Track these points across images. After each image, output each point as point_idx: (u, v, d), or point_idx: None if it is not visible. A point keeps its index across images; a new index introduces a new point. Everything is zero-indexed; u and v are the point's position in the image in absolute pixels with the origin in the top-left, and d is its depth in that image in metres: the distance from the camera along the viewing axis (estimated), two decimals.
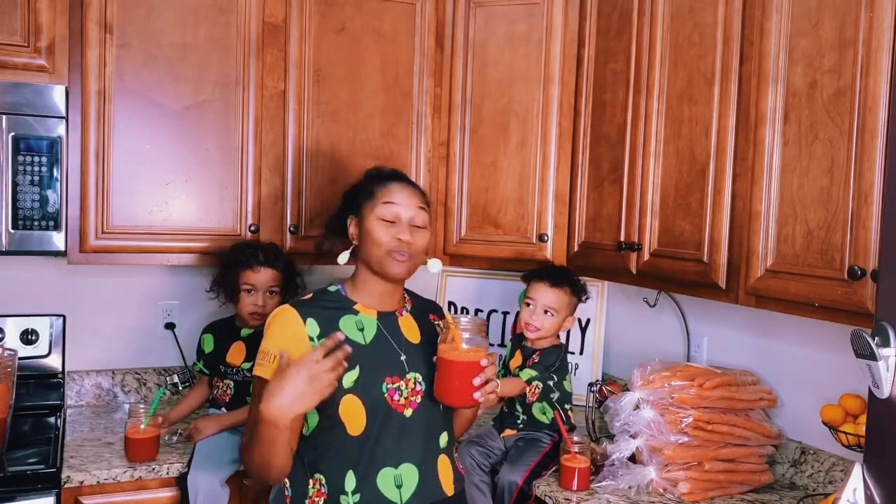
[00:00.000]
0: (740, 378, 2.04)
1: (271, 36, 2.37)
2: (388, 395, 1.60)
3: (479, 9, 2.55)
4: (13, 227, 2.09)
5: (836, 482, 1.94)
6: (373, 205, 1.65)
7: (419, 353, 1.68)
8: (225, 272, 2.28)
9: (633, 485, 1.94)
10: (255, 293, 2.25)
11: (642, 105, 2.14)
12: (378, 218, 1.63)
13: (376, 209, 1.64)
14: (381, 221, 1.63)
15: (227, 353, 2.30)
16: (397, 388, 1.62)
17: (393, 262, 1.61)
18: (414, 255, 1.63)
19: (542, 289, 2.24)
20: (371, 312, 1.67)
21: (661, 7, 2.08)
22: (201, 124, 2.30)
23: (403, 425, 1.61)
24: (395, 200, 1.64)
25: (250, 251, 2.28)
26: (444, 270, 2.95)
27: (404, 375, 1.63)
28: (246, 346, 2.30)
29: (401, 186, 1.68)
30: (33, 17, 2.11)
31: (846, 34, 1.56)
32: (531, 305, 2.24)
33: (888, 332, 1.07)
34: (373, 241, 1.62)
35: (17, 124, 2.08)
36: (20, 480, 1.90)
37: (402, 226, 1.63)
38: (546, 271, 2.30)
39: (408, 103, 2.56)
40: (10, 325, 2.39)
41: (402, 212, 1.64)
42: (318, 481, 1.59)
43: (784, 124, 1.71)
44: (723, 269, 1.88)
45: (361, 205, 1.68)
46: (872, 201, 1.49)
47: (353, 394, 1.57)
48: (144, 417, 2.07)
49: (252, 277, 2.25)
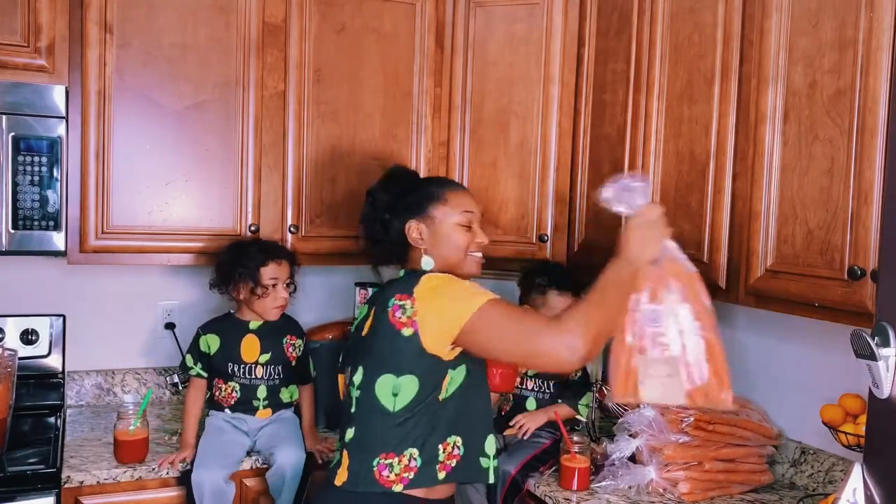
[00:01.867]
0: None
1: (271, 36, 2.37)
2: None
3: (479, 9, 2.55)
4: (13, 227, 2.09)
5: (836, 482, 1.94)
6: (450, 211, 1.78)
7: None
8: (243, 269, 2.22)
9: (633, 485, 1.94)
10: (279, 286, 2.25)
11: (642, 105, 2.14)
12: (458, 224, 1.77)
13: (457, 216, 1.77)
14: (461, 227, 1.78)
15: (241, 350, 2.25)
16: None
17: (473, 264, 1.80)
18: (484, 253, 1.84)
19: (555, 300, 2.26)
20: None
21: (661, 7, 2.08)
22: (201, 124, 2.30)
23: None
24: (472, 209, 1.80)
25: (271, 246, 2.28)
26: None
27: None
28: (259, 339, 2.27)
29: (466, 192, 1.85)
30: (33, 17, 2.11)
31: (846, 34, 1.56)
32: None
33: (888, 332, 1.07)
34: (453, 246, 1.77)
35: (17, 124, 2.08)
36: (20, 480, 1.91)
37: (476, 230, 1.80)
38: (553, 278, 2.30)
39: (408, 103, 2.56)
40: (10, 325, 2.39)
41: (475, 217, 1.81)
42: (451, 445, 1.67)
43: (784, 124, 1.71)
44: (723, 268, 1.88)
45: (428, 209, 1.78)
46: (872, 201, 1.49)
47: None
48: (134, 419, 2.06)
49: (277, 271, 2.24)
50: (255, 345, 2.26)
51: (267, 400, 2.26)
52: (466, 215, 1.79)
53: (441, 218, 1.77)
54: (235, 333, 2.28)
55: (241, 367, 2.25)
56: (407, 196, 1.81)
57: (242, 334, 2.27)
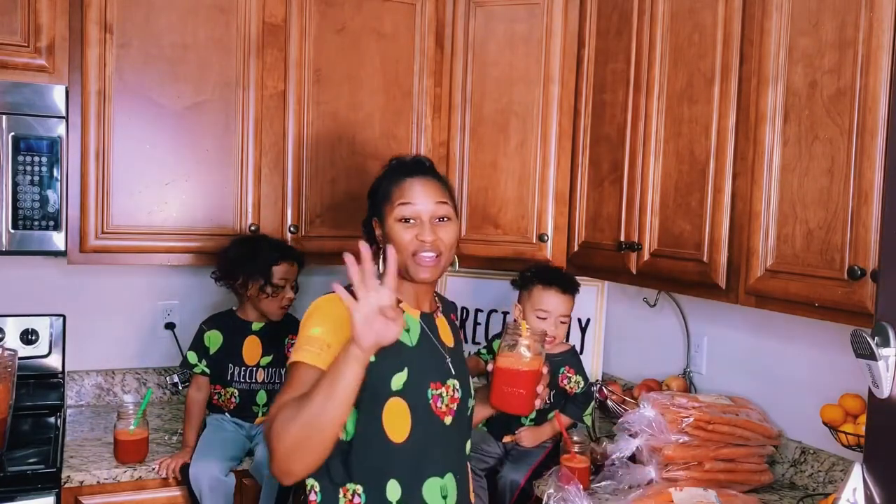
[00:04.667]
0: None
1: (271, 36, 2.37)
2: (433, 401, 1.51)
3: (479, 9, 2.55)
4: (13, 227, 2.09)
5: (836, 482, 1.94)
6: (391, 206, 1.54)
7: (456, 357, 1.61)
8: (254, 266, 2.20)
9: (633, 485, 1.94)
10: (287, 287, 2.25)
11: (642, 105, 2.14)
12: (396, 219, 1.52)
13: (395, 210, 1.52)
14: (400, 223, 1.52)
15: (242, 351, 2.24)
16: (439, 394, 1.52)
17: (418, 267, 1.51)
18: (441, 251, 1.52)
19: (554, 299, 2.16)
20: (415, 312, 1.56)
21: (661, 7, 2.08)
22: (201, 124, 2.30)
23: (445, 433, 1.52)
24: (411, 200, 1.52)
25: (282, 245, 2.29)
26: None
27: (446, 381, 1.54)
28: (261, 340, 2.26)
29: (417, 182, 1.55)
30: (33, 18, 2.11)
31: (846, 34, 1.56)
32: (547, 318, 2.15)
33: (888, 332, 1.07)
34: (396, 245, 1.50)
35: (17, 124, 2.08)
36: (20, 480, 1.91)
37: (423, 224, 1.51)
38: (553, 279, 2.20)
39: (408, 103, 2.56)
40: (10, 325, 2.39)
41: (421, 210, 1.52)
42: (351, 491, 1.46)
43: (784, 124, 1.71)
44: (723, 268, 1.88)
45: (380, 206, 1.57)
46: (872, 201, 1.49)
47: (400, 397, 1.47)
48: (134, 419, 2.06)
49: (288, 271, 2.25)
50: (257, 347, 2.26)
51: (266, 406, 2.25)
52: (403, 208, 1.52)
53: (387, 212, 1.55)
54: (238, 333, 2.27)
55: (242, 371, 2.24)
56: (371, 189, 1.64)
57: (245, 335, 2.27)
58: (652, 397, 1.98)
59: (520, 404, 1.60)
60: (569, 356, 2.25)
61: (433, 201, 1.53)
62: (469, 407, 1.61)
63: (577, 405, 2.22)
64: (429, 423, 1.50)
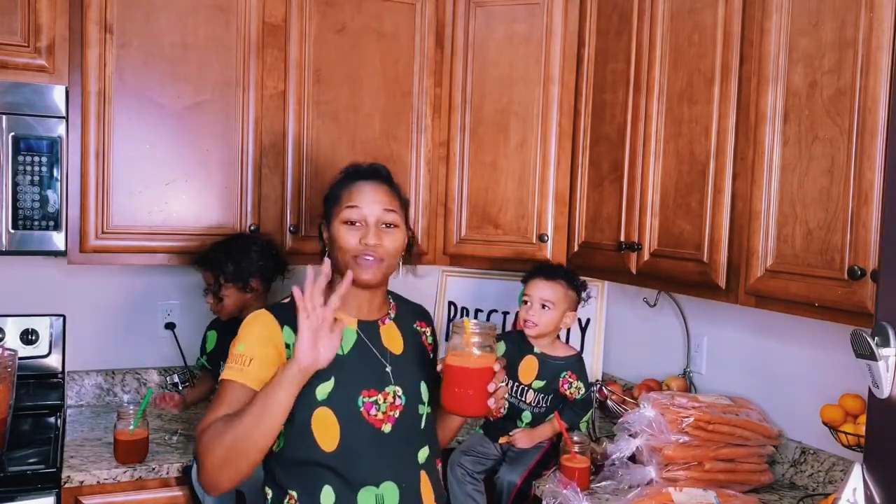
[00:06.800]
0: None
1: (271, 36, 2.37)
2: (364, 409, 1.50)
3: (479, 9, 2.55)
4: (13, 227, 2.09)
5: (836, 482, 1.94)
6: (339, 208, 1.55)
7: (402, 365, 1.58)
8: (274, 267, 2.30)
9: (633, 485, 1.94)
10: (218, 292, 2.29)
11: (642, 105, 2.14)
12: (342, 222, 1.54)
13: (342, 212, 1.54)
14: (345, 225, 1.53)
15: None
16: (374, 401, 1.51)
17: (359, 268, 1.51)
18: (384, 257, 1.53)
19: (537, 284, 2.21)
20: (351, 321, 1.56)
21: (661, 7, 2.08)
22: (201, 124, 2.30)
23: (381, 441, 1.51)
24: (358, 203, 1.54)
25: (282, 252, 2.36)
26: (444, 270, 2.95)
27: (383, 389, 1.53)
28: None
29: (367, 186, 1.57)
30: (33, 18, 2.11)
31: (846, 34, 1.56)
32: (528, 302, 2.22)
33: (888, 332, 1.07)
34: (339, 247, 1.53)
35: (17, 124, 2.08)
36: (20, 480, 1.91)
37: (368, 228, 1.52)
38: (541, 267, 2.28)
39: (408, 103, 2.56)
40: (10, 325, 2.39)
41: (367, 213, 1.53)
42: (295, 497, 1.49)
43: (784, 124, 1.71)
44: (723, 269, 1.88)
45: (330, 208, 1.59)
46: (872, 201, 1.49)
47: (327, 406, 1.48)
48: (134, 419, 2.06)
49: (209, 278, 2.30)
50: None
51: None
52: (349, 211, 1.53)
53: (334, 214, 1.56)
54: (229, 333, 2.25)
55: None
56: (326, 194, 1.65)
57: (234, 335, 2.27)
58: (652, 397, 1.98)
59: (469, 405, 1.49)
60: (572, 361, 2.25)
61: (381, 207, 1.55)
62: (422, 414, 1.58)
63: (575, 411, 2.21)
64: (360, 432, 1.50)
